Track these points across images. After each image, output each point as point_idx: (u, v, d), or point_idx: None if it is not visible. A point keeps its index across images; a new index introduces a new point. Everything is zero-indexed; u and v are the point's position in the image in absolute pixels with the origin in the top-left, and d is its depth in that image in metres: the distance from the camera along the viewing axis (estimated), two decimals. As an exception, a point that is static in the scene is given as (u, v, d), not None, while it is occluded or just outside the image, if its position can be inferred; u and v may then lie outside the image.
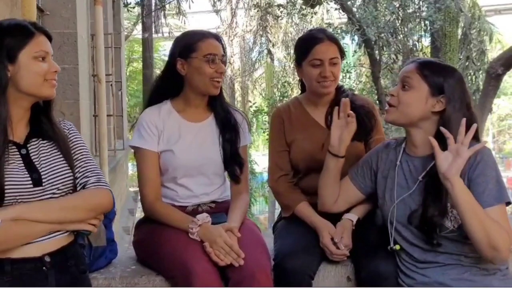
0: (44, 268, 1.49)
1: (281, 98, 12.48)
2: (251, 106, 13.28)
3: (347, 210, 2.03)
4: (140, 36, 12.82)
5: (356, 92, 2.16)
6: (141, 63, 12.65)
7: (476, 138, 1.70)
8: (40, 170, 1.52)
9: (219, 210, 2.03)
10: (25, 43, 1.49)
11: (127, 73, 13.89)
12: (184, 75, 1.99)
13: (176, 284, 1.78)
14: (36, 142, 1.57)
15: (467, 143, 1.61)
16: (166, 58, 2.15)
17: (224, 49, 2.02)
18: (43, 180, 1.51)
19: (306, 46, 2.10)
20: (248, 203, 2.09)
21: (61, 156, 1.57)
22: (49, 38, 1.56)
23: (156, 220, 1.96)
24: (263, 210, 17.37)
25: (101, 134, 4.99)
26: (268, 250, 1.89)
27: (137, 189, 2.35)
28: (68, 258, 1.55)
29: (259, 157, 16.05)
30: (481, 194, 1.63)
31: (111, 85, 6.49)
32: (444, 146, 1.64)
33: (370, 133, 2.12)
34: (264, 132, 11.88)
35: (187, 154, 1.99)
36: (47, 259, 1.50)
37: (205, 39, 1.98)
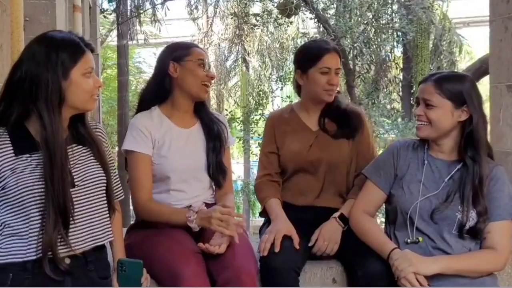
0: (63, 271, 1.54)
1: (256, 106, 12.53)
2: (227, 115, 13.31)
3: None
4: (114, 43, 12.75)
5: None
6: (115, 70, 12.57)
7: (490, 155, 1.91)
8: (73, 173, 1.59)
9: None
10: (76, 60, 1.55)
11: (101, 80, 13.78)
12: (175, 78, 2.07)
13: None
14: (72, 147, 1.64)
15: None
16: (140, 65, 2.25)
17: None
18: (76, 182, 1.58)
19: (316, 54, 2.20)
20: (233, 202, 2.18)
21: (95, 160, 1.66)
22: (93, 52, 1.63)
23: (149, 223, 1.99)
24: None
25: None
26: (254, 252, 1.95)
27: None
28: (88, 263, 1.60)
29: (233, 165, 16.00)
30: (498, 208, 1.83)
31: (89, 91, 6.46)
32: (470, 155, 1.83)
33: (356, 131, 2.23)
34: (240, 141, 11.88)
35: (182, 160, 2.04)
36: (67, 261, 1.55)
37: (195, 47, 2.12)
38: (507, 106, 2.77)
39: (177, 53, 2.08)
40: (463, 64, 11.96)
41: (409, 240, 1.88)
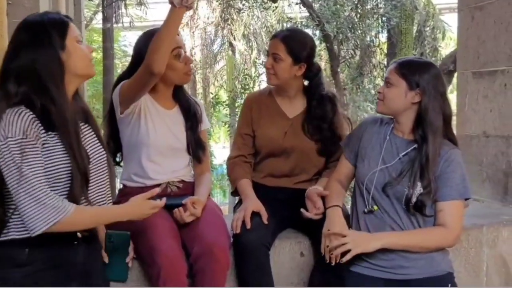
0: (75, 242, 1.63)
1: (243, 90, 12.59)
2: (212, 98, 13.35)
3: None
4: (99, 26, 12.63)
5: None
6: (100, 53, 12.49)
7: (451, 139, 2.00)
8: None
9: (186, 192, 2.16)
10: (66, 31, 1.61)
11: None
12: None
13: (144, 262, 1.95)
14: (81, 126, 1.68)
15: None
16: (126, 48, 2.27)
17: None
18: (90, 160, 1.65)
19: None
20: (211, 180, 2.27)
21: (96, 138, 1.73)
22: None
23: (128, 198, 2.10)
24: (221, 203, 17.48)
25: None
26: (227, 228, 2.07)
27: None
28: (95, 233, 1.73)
29: (219, 149, 16.06)
30: (449, 188, 1.93)
31: (73, 75, 6.48)
32: (420, 135, 1.94)
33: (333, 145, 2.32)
34: (225, 125, 11.96)
35: (164, 136, 2.14)
36: (79, 234, 1.63)
37: None
38: (472, 92, 2.91)
39: None
40: (447, 50, 12.06)
41: (366, 210, 2.00)
